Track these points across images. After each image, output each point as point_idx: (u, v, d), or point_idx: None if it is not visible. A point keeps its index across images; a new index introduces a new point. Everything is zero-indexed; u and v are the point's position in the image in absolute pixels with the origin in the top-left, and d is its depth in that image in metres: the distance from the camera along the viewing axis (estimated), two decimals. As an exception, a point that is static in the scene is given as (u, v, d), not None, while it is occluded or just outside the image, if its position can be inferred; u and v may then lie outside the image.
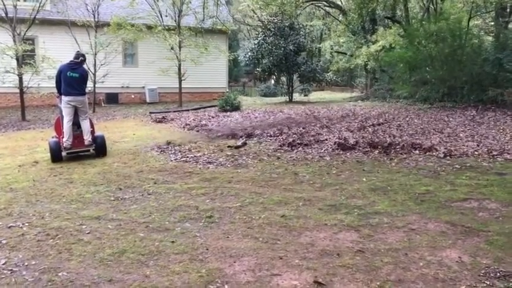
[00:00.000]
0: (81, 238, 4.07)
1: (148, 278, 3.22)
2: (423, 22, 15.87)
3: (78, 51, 8.24)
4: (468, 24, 14.51)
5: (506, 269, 3.15)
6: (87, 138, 8.04)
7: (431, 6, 19.02)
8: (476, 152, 6.99)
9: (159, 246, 3.82)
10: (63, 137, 7.89)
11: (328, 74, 22.76)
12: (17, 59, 14.84)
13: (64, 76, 7.88)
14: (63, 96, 7.85)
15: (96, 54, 17.03)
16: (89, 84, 17.39)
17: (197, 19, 19.06)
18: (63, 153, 7.90)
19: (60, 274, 3.32)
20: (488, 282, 2.98)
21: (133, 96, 20.89)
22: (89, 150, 8.18)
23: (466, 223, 4.09)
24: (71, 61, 8.03)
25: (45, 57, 15.09)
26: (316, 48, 26.87)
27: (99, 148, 8.18)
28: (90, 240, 4.00)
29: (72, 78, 7.92)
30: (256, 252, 3.64)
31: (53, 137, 8.32)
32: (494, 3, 15.26)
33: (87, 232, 4.23)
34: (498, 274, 3.08)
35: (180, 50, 17.85)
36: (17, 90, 15.40)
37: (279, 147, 8.43)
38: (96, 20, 17.33)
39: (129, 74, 20.27)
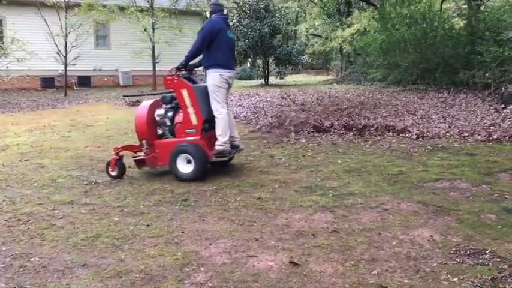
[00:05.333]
0: (53, 223, 3.99)
1: (123, 261, 3.18)
2: (397, 5, 15.96)
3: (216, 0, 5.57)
4: (441, 7, 14.66)
5: (475, 246, 3.23)
6: (237, 137, 5.77)
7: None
8: (448, 134, 7.12)
9: (134, 230, 3.78)
10: (200, 138, 5.30)
11: (304, 57, 22.76)
12: (-16, 41, 14.35)
13: (223, 37, 5.32)
14: (218, 70, 5.30)
15: (66, 35, 16.58)
16: (60, 67, 17.15)
17: (171, 0, 18.72)
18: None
19: (32, 259, 3.26)
20: (458, 260, 3.05)
21: (106, 79, 20.50)
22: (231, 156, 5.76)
23: (438, 203, 4.17)
24: (222, 14, 5.48)
25: (15, 39, 14.62)
26: (291, 31, 26.81)
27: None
28: (63, 225, 3.94)
29: (231, 42, 5.53)
30: (232, 234, 3.64)
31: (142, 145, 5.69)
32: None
33: (59, 217, 4.16)
34: (468, 252, 3.16)
35: (153, 32, 17.55)
36: (-15, 73, 14.93)
37: (255, 130, 8.42)
38: (66, 0, 16.82)
39: (102, 57, 19.85)
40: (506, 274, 2.82)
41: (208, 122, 5.43)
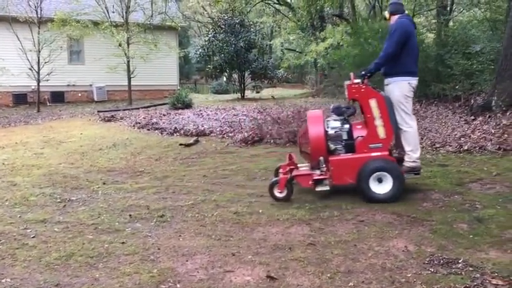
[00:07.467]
0: (25, 242, 3.90)
1: (98, 280, 3.13)
2: (369, 20, 16.30)
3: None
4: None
5: (448, 256, 3.29)
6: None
7: (376, 4, 19.58)
8: (420, 145, 7.25)
9: (108, 248, 3.73)
10: (389, 154, 4.83)
11: (280, 71, 22.96)
12: (-47, 57, 14.04)
13: (413, 41, 4.92)
14: (407, 78, 4.86)
15: (39, 51, 16.36)
16: (33, 83, 16.86)
17: (146, 15, 18.71)
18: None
19: (3, 280, 3.17)
20: (432, 270, 3.10)
21: (80, 94, 20.23)
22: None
23: (412, 213, 4.24)
24: (407, 15, 5.10)
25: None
26: (266, 46, 27.00)
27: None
28: (36, 245, 3.85)
29: (418, 46, 5.12)
30: (209, 249, 3.62)
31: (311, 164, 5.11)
32: (435, 1, 15.89)
33: (32, 236, 4.06)
34: (441, 261, 3.21)
35: (128, 47, 17.44)
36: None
37: (231, 144, 8.43)
38: (39, 16, 16.63)
39: (76, 72, 19.60)
40: (478, 283, 2.88)
41: None
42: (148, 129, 10.79)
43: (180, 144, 8.55)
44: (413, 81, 4.90)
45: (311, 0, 19.21)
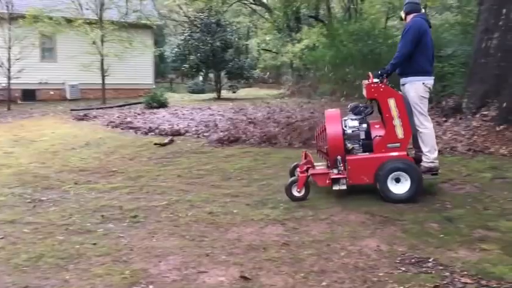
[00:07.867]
0: (-7, 244, 3.81)
1: (68, 282, 3.07)
2: (344, 22, 16.48)
3: None
4: (386, 24, 15.28)
5: (419, 255, 3.35)
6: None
7: (352, 6, 19.81)
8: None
9: (79, 249, 3.66)
10: (407, 154, 4.82)
11: (256, 71, 22.99)
12: None
13: (428, 40, 4.85)
14: (421, 78, 4.81)
15: (10, 48, 15.96)
16: (3, 80, 16.45)
17: (120, 13, 18.47)
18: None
19: (-31, 284, 3.09)
20: (404, 268, 3.15)
21: (52, 92, 19.79)
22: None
23: (384, 213, 4.30)
24: (423, 14, 5.05)
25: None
26: (243, 46, 27.00)
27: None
28: (4, 246, 3.76)
29: (433, 45, 5.00)
30: (182, 250, 3.60)
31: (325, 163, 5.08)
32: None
33: (0, 237, 3.96)
34: (413, 260, 3.27)
35: (102, 45, 17.18)
36: None
37: (207, 144, 8.40)
38: (9, 11, 16.22)
39: (48, 70, 19.16)
40: (448, 281, 2.94)
41: None
42: (122, 129, 10.65)
43: (155, 144, 8.46)
44: (429, 81, 4.87)
45: (287, 1, 19.30)
